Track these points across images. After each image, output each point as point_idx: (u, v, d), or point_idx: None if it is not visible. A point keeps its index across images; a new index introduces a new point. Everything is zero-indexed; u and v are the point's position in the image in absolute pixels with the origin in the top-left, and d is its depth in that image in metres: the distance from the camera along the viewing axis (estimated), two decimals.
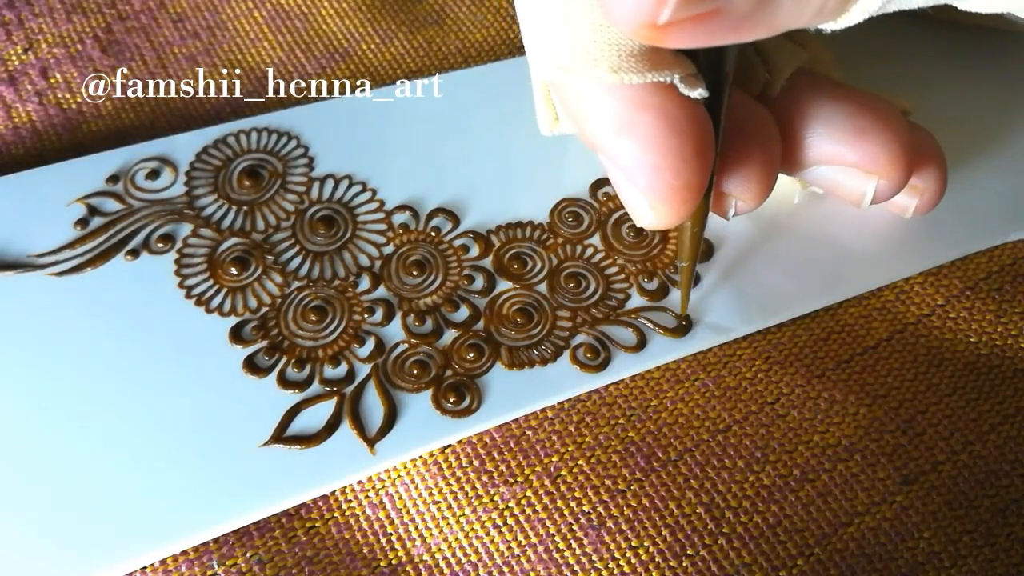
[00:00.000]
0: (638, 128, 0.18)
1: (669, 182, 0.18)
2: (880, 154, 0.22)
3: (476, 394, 0.23)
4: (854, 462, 0.22)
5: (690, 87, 0.18)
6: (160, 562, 0.21)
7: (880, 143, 0.22)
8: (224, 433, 0.22)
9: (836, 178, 0.23)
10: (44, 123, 0.28)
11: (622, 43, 0.17)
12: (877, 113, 0.22)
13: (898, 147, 0.22)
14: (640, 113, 0.18)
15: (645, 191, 0.19)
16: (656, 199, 0.19)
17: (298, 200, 0.26)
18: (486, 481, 0.22)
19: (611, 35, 0.17)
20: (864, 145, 0.22)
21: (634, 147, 0.18)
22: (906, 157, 0.22)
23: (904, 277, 0.25)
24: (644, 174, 0.18)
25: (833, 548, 0.21)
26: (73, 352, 0.23)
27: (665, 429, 0.23)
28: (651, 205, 0.19)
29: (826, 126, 0.22)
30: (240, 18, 0.31)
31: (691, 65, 0.18)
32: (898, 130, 0.22)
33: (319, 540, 0.21)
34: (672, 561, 0.21)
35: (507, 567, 0.21)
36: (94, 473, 0.21)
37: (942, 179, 0.23)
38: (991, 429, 0.23)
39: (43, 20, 0.30)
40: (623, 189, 0.20)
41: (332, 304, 0.24)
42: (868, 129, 0.22)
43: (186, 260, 0.25)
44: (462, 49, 0.30)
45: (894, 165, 0.22)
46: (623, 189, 0.20)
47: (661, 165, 0.18)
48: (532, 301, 0.24)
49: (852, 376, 0.24)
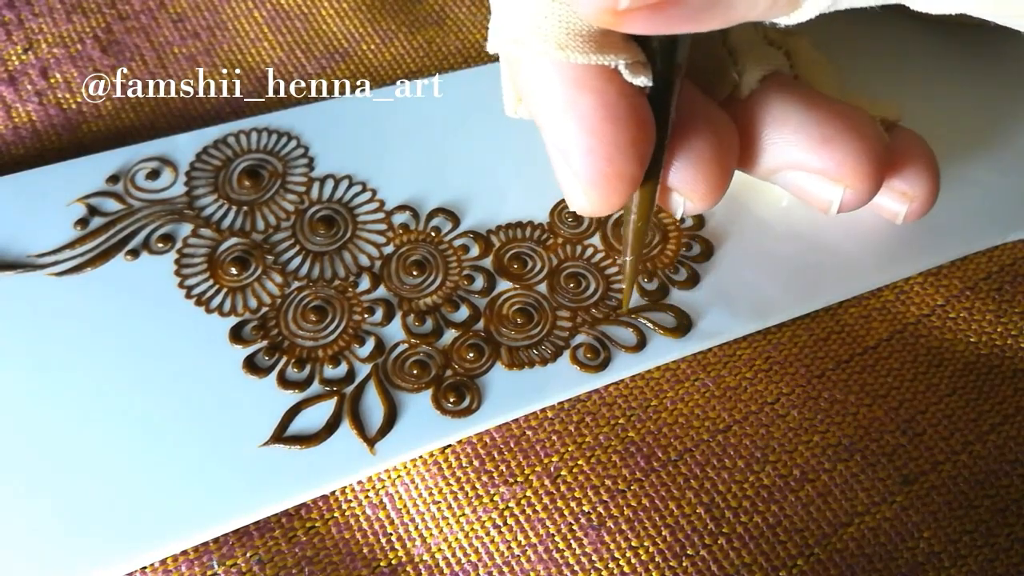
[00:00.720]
0: (577, 109, 0.18)
1: (602, 168, 0.18)
2: (845, 163, 0.21)
3: (476, 394, 0.23)
4: (854, 462, 0.22)
5: (634, 74, 0.18)
6: (160, 562, 0.21)
7: (846, 152, 0.21)
8: (224, 433, 0.22)
9: (803, 184, 0.22)
10: (44, 123, 0.28)
11: (571, 22, 0.17)
12: (846, 121, 0.22)
13: (865, 156, 0.21)
14: (581, 94, 0.18)
15: (578, 174, 0.19)
16: (588, 184, 0.19)
17: (298, 200, 0.26)
18: (486, 481, 0.22)
19: (562, 12, 0.17)
20: (830, 153, 0.21)
21: (571, 128, 0.18)
22: (873, 167, 0.22)
23: (904, 277, 0.25)
24: (578, 157, 0.18)
25: (833, 548, 0.21)
26: (73, 352, 0.23)
27: (665, 429, 0.23)
28: (584, 190, 0.19)
29: (794, 131, 0.22)
30: (240, 18, 0.31)
31: (639, 52, 0.18)
32: (867, 139, 0.22)
33: (319, 540, 0.21)
34: (672, 561, 0.21)
35: (507, 567, 0.21)
36: (94, 473, 0.21)
37: (933, 185, 0.23)
38: (991, 429, 0.23)
39: (43, 20, 0.30)
40: (560, 170, 0.20)
41: (332, 304, 0.24)
42: (835, 137, 0.21)
43: (186, 260, 0.25)
44: (462, 49, 0.30)
45: (860, 175, 0.22)
46: (560, 170, 0.20)
47: (595, 149, 0.18)
48: (532, 301, 0.24)
49: (852, 376, 0.24)
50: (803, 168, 0.22)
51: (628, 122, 0.18)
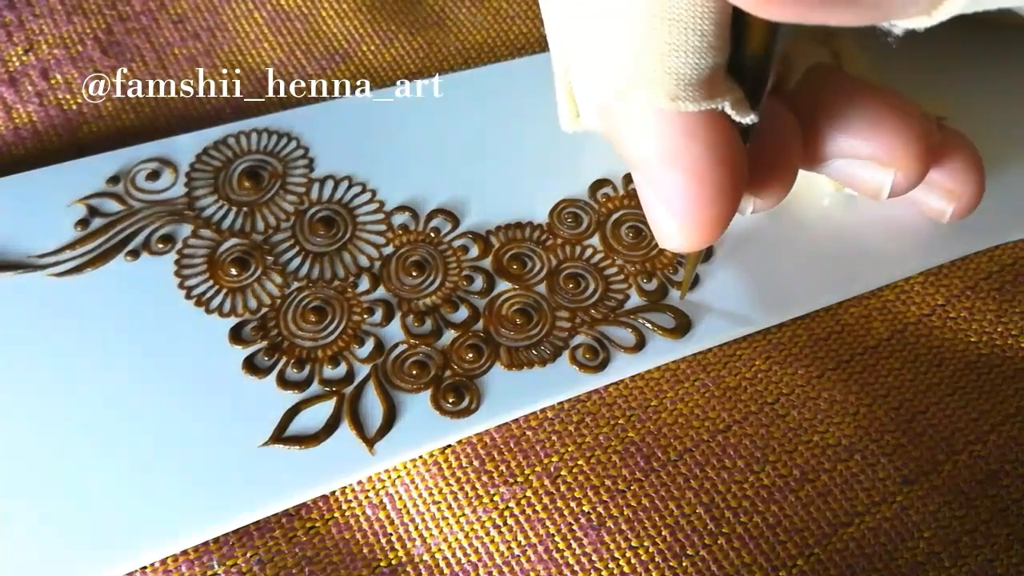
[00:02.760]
0: (685, 158, 0.18)
1: (705, 211, 0.19)
2: (896, 146, 0.21)
3: (475, 394, 0.23)
4: (854, 462, 0.22)
5: (741, 113, 0.18)
6: (160, 562, 0.21)
7: (895, 135, 0.21)
8: (224, 433, 0.22)
9: (853, 171, 0.22)
10: (45, 124, 0.28)
11: (682, 72, 0.17)
12: (893, 107, 0.22)
13: (914, 139, 0.21)
14: (689, 142, 0.18)
15: (679, 218, 0.19)
16: (690, 226, 0.19)
17: (298, 201, 0.26)
18: (486, 481, 0.22)
19: (672, 63, 0.17)
20: (879, 137, 0.21)
21: (677, 176, 0.18)
22: (922, 149, 0.22)
23: (904, 277, 0.25)
24: (683, 202, 0.19)
25: (833, 548, 0.21)
26: (73, 352, 0.23)
27: (665, 429, 0.23)
28: (682, 231, 0.19)
29: (841, 120, 0.22)
30: (240, 19, 0.31)
31: (739, 90, 0.18)
32: (914, 123, 0.22)
33: (319, 540, 0.21)
34: (672, 561, 0.21)
35: (507, 567, 0.21)
36: (94, 473, 0.21)
37: (979, 184, 0.23)
38: (991, 429, 0.23)
39: (44, 21, 0.30)
40: (655, 212, 0.20)
41: (332, 305, 0.24)
42: (883, 122, 0.21)
43: (186, 261, 0.25)
44: (462, 50, 0.30)
45: (910, 157, 0.22)
46: (655, 212, 0.20)
47: (701, 195, 0.18)
48: (531, 302, 0.24)
49: (852, 376, 0.24)
50: (853, 155, 0.22)
51: (732, 166, 0.18)
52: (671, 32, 0.17)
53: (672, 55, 0.17)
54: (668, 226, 0.19)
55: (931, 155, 0.22)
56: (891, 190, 0.22)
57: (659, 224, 0.20)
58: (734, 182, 0.18)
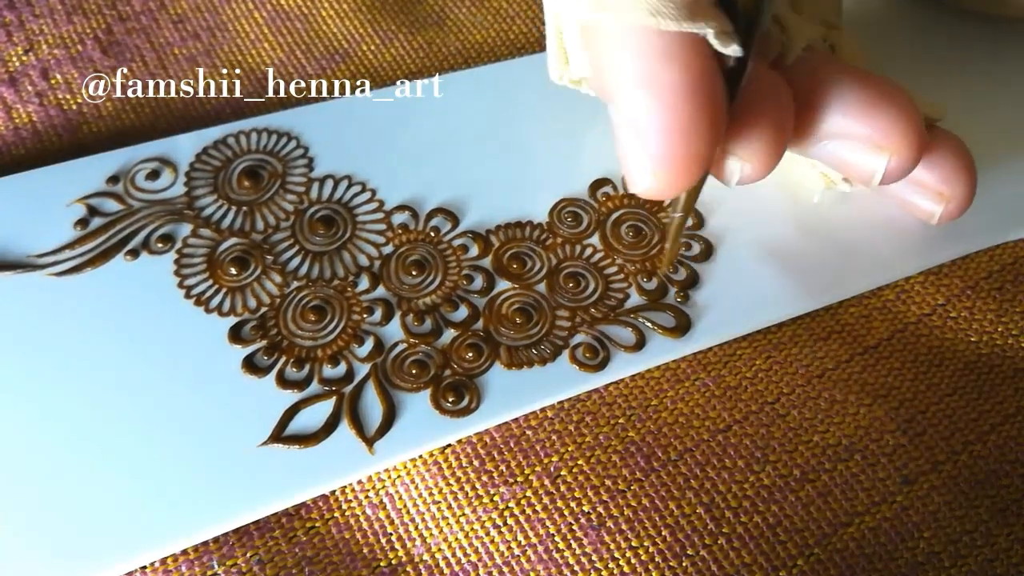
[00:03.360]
0: (659, 82, 0.17)
1: (678, 148, 0.18)
2: (890, 128, 0.21)
3: (475, 394, 0.23)
4: (854, 462, 0.22)
5: (723, 43, 0.18)
6: (160, 562, 0.21)
7: (891, 117, 0.21)
8: (223, 433, 0.22)
9: (846, 155, 0.22)
10: (44, 124, 0.28)
11: None
12: (888, 90, 0.22)
13: (909, 123, 0.21)
14: (666, 66, 0.17)
15: (651, 153, 0.18)
16: (660, 163, 0.18)
17: (298, 200, 0.26)
18: (486, 481, 0.22)
19: None
20: (874, 119, 0.21)
21: (650, 103, 0.18)
22: (917, 134, 0.21)
23: (904, 277, 0.25)
24: (654, 134, 0.18)
25: (833, 548, 0.21)
26: (73, 352, 0.23)
27: (665, 429, 0.23)
28: (653, 169, 0.18)
29: (837, 99, 0.21)
30: (240, 19, 0.31)
31: (728, 22, 0.18)
32: (909, 109, 0.21)
33: (319, 540, 0.21)
34: (672, 561, 0.21)
35: (507, 567, 0.21)
36: (94, 473, 0.21)
37: (969, 187, 0.23)
38: (991, 429, 0.23)
39: (44, 21, 0.30)
40: (627, 148, 0.19)
41: (331, 304, 0.24)
42: (878, 103, 0.21)
43: (186, 260, 0.25)
44: (462, 50, 0.30)
45: (904, 140, 0.21)
46: (627, 148, 0.19)
47: (674, 127, 0.18)
48: (531, 301, 0.24)
49: (852, 376, 0.24)
50: (847, 135, 0.22)
51: (708, 100, 0.18)
52: None
53: None
54: (639, 164, 0.19)
55: (924, 145, 0.22)
56: (883, 176, 0.22)
57: (631, 163, 0.19)
58: (709, 122, 0.18)
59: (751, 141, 0.20)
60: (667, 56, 0.17)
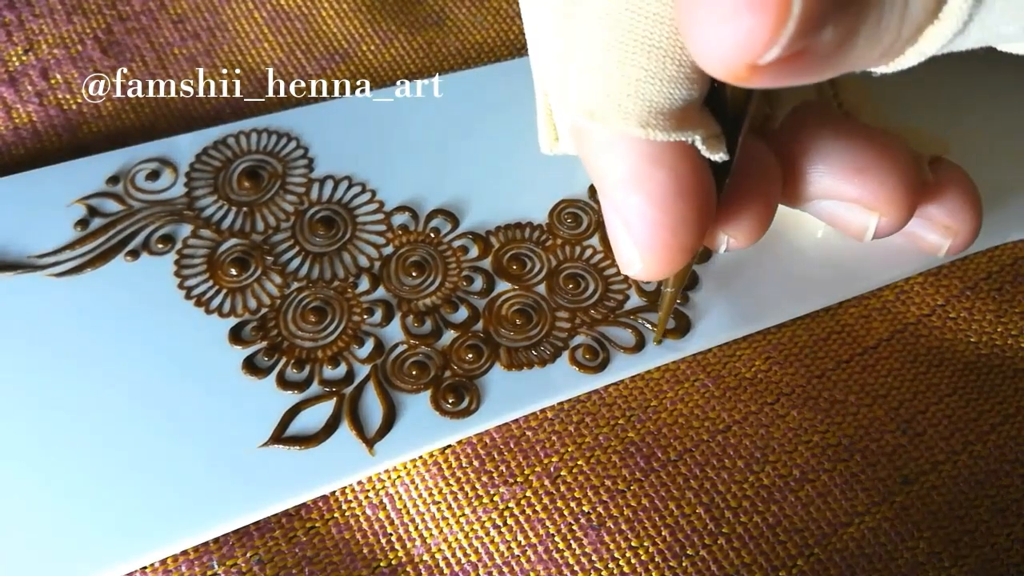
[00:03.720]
0: (649, 183, 0.18)
1: (666, 240, 0.18)
2: (880, 191, 0.21)
3: (475, 395, 0.23)
4: (854, 462, 0.22)
5: (712, 150, 0.18)
6: (160, 562, 0.21)
7: (880, 180, 0.21)
8: (224, 434, 0.22)
9: (838, 212, 0.22)
10: (44, 124, 0.28)
11: (655, 100, 0.17)
12: (880, 150, 0.22)
13: (899, 185, 0.21)
14: (655, 169, 0.18)
15: (640, 244, 0.19)
16: (649, 253, 0.19)
17: (298, 201, 0.26)
18: (486, 481, 0.22)
19: (646, 90, 0.17)
20: (864, 182, 0.21)
21: (640, 201, 0.18)
22: (907, 196, 0.22)
23: (904, 277, 0.25)
24: (643, 228, 0.18)
25: (833, 548, 0.21)
26: (73, 353, 0.23)
27: (665, 429, 0.23)
28: (642, 257, 0.19)
29: (827, 161, 0.22)
30: (240, 19, 0.31)
31: (716, 125, 0.18)
32: (900, 168, 0.22)
33: (319, 540, 0.21)
34: (672, 561, 0.21)
35: (507, 567, 0.21)
36: (94, 473, 0.21)
37: (975, 220, 0.23)
38: (991, 429, 0.23)
39: (43, 21, 0.30)
40: (618, 236, 0.20)
41: (331, 305, 0.24)
42: (869, 166, 0.21)
43: (186, 261, 0.25)
44: (462, 50, 0.30)
45: (894, 203, 0.22)
46: (618, 236, 0.20)
47: (663, 223, 0.18)
48: (531, 302, 0.24)
49: (852, 376, 0.24)
50: (838, 197, 0.22)
51: (697, 197, 0.18)
52: (649, 58, 0.17)
53: (647, 82, 0.17)
54: (629, 252, 0.19)
55: (917, 200, 0.22)
56: (875, 232, 0.22)
57: (620, 250, 0.20)
58: (698, 216, 0.18)
59: (740, 221, 0.21)
60: (655, 160, 0.18)
